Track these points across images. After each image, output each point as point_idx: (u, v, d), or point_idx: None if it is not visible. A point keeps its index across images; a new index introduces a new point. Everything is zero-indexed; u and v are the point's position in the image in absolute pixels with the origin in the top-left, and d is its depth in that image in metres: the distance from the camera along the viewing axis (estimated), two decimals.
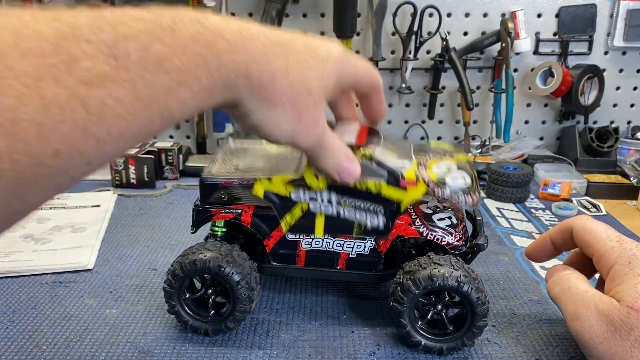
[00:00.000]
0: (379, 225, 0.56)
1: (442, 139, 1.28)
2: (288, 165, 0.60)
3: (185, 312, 0.56)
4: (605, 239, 0.51)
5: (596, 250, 0.51)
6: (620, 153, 1.13)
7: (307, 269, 0.60)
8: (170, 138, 1.28)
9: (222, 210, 0.59)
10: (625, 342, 0.44)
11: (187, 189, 1.04)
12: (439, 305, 0.54)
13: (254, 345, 0.55)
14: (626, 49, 1.19)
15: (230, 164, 0.62)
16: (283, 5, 1.10)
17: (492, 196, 1.00)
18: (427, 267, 0.52)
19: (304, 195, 0.56)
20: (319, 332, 0.58)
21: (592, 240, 0.52)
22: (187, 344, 0.55)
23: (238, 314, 0.55)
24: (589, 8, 1.16)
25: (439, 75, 1.18)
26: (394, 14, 1.13)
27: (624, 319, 0.44)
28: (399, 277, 0.54)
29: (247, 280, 0.55)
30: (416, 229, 0.57)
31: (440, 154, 0.62)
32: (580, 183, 1.03)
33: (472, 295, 0.51)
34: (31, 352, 0.54)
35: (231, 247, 0.56)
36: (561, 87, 1.14)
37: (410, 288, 0.52)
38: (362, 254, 0.59)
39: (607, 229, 0.52)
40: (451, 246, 0.57)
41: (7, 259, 0.72)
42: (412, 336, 0.54)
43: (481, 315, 0.52)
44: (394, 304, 0.54)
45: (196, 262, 0.54)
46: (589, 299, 0.48)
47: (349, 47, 1.13)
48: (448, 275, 0.51)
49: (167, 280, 0.56)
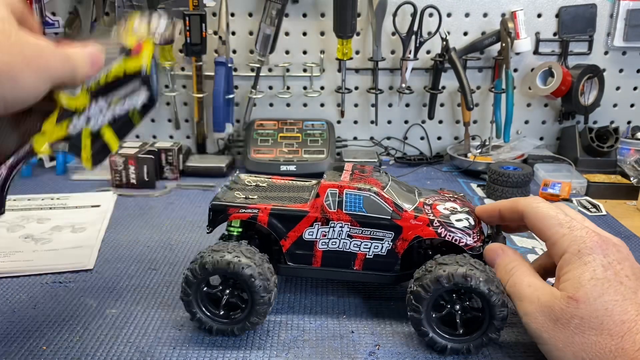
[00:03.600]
0: (144, 101, 0.54)
1: (442, 139, 1.28)
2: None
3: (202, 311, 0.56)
4: (556, 225, 0.51)
5: (548, 237, 0.52)
6: (620, 153, 1.13)
7: (324, 269, 0.60)
8: (170, 138, 1.28)
9: (238, 210, 0.59)
10: (566, 329, 0.46)
11: (187, 189, 1.04)
12: (459, 305, 0.53)
13: (254, 345, 0.55)
14: (626, 49, 1.19)
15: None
16: (283, 5, 1.10)
17: (492, 196, 1.00)
18: (464, 266, 0.52)
19: (80, 121, 0.54)
20: (319, 332, 0.58)
21: (543, 227, 0.53)
22: (187, 344, 0.55)
23: (254, 318, 0.55)
24: (589, 8, 1.16)
25: (439, 75, 1.18)
26: (394, 14, 1.13)
27: (564, 308, 0.47)
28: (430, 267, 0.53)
29: (269, 295, 0.54)
30: (434, 229, 0.57)
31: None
32: (580, 183, 1.03)
33: (494, 299, 0.51)
34: (31, 352, 0.54)
35: (263, 258, 0.55)
36: (561, 87, 1.14)
37: (441, 280, 0.51)
38: (379, 255, 0.59)
39: (558, 214, 0.52)
40: (469, 247, 0.57)
41: (7, 259, 0.72)
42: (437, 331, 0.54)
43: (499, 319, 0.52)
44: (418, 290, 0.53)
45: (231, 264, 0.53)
46: (531, 294, 0.50)
47: (349, 47, 1.13)
48: (481, 278, 0.51)
49: (193, 270, 0.54)
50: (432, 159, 1.23)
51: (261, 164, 1.12)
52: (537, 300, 0.49)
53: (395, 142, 1.28)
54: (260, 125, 1.20)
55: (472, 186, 1.07)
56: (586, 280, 0.46)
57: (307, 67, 1.21)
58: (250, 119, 1.23)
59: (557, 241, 0.51)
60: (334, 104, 1.25)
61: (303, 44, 1.20)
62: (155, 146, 1.09)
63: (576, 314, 0.46)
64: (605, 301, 0.45)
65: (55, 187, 1.04)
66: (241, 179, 0.68)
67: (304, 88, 1.24)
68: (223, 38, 1.13)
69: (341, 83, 1.20)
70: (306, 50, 1.21)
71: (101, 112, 0.55)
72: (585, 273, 0.47)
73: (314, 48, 1.21)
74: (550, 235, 0.52)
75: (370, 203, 0.57)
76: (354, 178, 0.60)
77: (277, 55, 1.19)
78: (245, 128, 1.22)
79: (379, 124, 1.25)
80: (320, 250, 0.59)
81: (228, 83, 1.15)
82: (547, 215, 0.53)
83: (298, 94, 1.24)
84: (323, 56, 1.21)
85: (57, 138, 0.54)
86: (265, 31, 1.12)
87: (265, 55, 1.15)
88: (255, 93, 1.20)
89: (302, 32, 1.19)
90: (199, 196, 1.00)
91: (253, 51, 1.16)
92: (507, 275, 0.53)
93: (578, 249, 0.49)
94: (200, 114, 1.21)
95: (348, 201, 0.57)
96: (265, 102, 1.25)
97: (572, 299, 0.46)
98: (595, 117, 1.23)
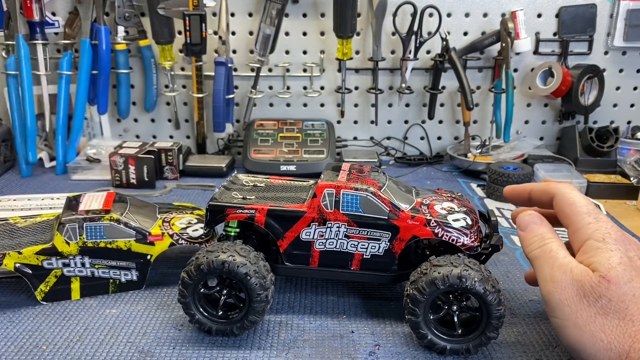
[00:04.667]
0: (132, 278, 0.63)
1: (442, 139, 1.28)
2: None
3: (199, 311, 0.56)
4: (584, 213, 0.52)
5: (573, 222, 0.52)
6: (620, 153, 1.13)
7: (321, 269, 0.60)
8: (170, 138, 1.28)
9: (236, 210, 0.59)
10: (591, 307, 0.46)
11: (187, 189, 1.04)
12: (456, 305, 0.54)
13: (254, 345, 0.55)
14: (626, 49, 1.19)
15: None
16: (283, 5, 1.10)
17: (492, 196, 1.00)
18: (458, 267, 0.52)
19: (57, 262, 0.62)
20: (319, 332, 0.58)
21: (571, 213, 0.53)
22: (187, 344, 0.55)
23: (252, 317, 0.55)
24: (589, 8, 1.16)
25: (439, 75, 1.18)
26: (394, 14, 1.13)
27: (595, 286, 0.46)
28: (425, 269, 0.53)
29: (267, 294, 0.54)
30: (431, 229, 0.57)
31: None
32: (580, 183, 1.03)
33: (490, 299, 0.51)
34: (31, 352, 0.54)
35: (258, 256, 0.56)
36: (561, 87, 1.14)
37: (437, 282, 0.51)
38: (377, 255, 0.58)
39: (588, 204, 0.53)
40: (466, 247, 0.57)
41: None
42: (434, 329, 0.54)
43: (496, 317, 0.52)
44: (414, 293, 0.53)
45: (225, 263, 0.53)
46: (566, 264, 0.49)
47: (349, 47, 1.13)
48: (476, 278, 0.51)
49: (188, 271, 0.54)
50: (432, 159, 1.23)
51: (261, 164, 1.12)
52: (570, 271, 0.48)
53: (395, 142, 1.28)
54: (260, 125, 1.20)
55: (472, 186, 1.07)
56: (616, 264, 0.47)
57: (307, 67, 1.21)
58: (250, 119, 1.23)
59: (583, 227, 0.51)
60: (334, 104, 1.25)
61: (303, 44, 1.20)
62: (155, 146, 1.09)
63: (605, 294, 0.46)
64: (634, 287, 0.46)
65: (55, 187, 1.04)
66: (239, 179, 0.68)
67: (304, 88, 1.24)
68: (223, 38, 1.13)
69: (341, 83, 1.20)
70: (306, 50, 1.21)
71: (83, 266, 0.63)
72: (613, 257, 0.47)
73: (314, 48, 1.20)
74: (576, 221, 0.52)
75: (367, 203, 0.57)
76: (352, 178, 0.60)
77: (277, 55, 1.19)
78: (245, 128, 1.22)
79: (379, 124, 1.25)
80: (317, 250, 0.59)
81: (228, 83, 1.15)
82: (577, 202, 0.53)
83: (298, 94, 1.24)
84: (323, 56, 1.21)
85: (28, 263, 0.61)
86: (265, 31, 1.12)
87: (265, 55, 1.15)
88: (255, 93, 1.20)
89: (302, 32, 1.19)
90: (199, 196, 1.00)
91: (253, 51, 1.16)
92: (541, 241, 0.53)
93: (603, 238, 0.49)
94: (200, 114, 1.21)
95: (345, 201, 0.57)
96: (265, 102, 1.25)
97: (604, 278, 0.46)
98: (595, 117, 1.23)
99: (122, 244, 0.63)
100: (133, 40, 1.16)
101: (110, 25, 1.13)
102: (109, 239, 0.63)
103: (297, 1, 1.17)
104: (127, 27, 1.14)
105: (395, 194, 0.60)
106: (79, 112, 1.11)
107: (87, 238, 0.62)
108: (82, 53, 1.09)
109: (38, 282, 0.62)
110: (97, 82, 1.13)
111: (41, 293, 0.62)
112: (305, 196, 0.61)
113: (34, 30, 1.09)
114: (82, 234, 0.62)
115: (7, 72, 1.07)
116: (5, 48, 1.12)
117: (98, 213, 0.63)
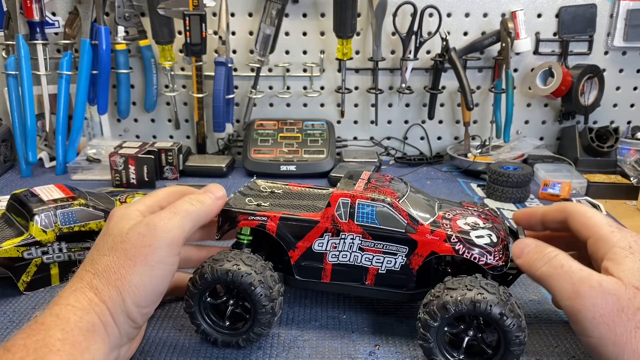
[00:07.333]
0: None
1: (442, 139, 1.28)
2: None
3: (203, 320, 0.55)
4: (605, 223, 0.51)
5: (595, 232, 0.51)
6: (620, 153, 1.13)
7: (333, 283, 0.57)
8: (170, 138, 1.28)
9: (247, 217, 0.56)
10: (630, 322, 0.43)
11: None
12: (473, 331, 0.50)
13: (254, 345, 0.55)
14: (626, 49, 1.19)
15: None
16: (283, 5, 1.10)
17: (492, 196, 1.00)
18: (472, 290, 0.48)
19: (36, 251, 0.63)
20: (319, 332, 0.58)
21: (590, 224, 0.52)
22: (187, 345, 0.55)
23: (258, 329, 0.53)
24: (589, 8, 1.16)
25: (439, 75, 1.18)
26: (394, 14, 1.13)
27: (632, 298, 0.44)
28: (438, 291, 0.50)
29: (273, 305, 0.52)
30: (451, 245, 0.52)
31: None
32: (580, 183, 1.03)
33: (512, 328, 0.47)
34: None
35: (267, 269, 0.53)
36: (561, 87, 1.14)
37: (448, 306, 0.48)
38: (393, 270, 0.55)
39: (606, 217, 0.53)
40: (489, 266, 0.52)
41: None
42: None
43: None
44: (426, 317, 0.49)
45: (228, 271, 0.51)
46: (588, 277, 0.46)
47: (349, 47, 1.13)
48: (492, 302, 0.47)
49: (193, 280, 0.53)
50: (432, 159, 1.23)
51: (261, 164, 1.12)
52: (598, 284, 0.45)
53: (395, 142, 1.28)
54: (260, 125, 1.20)
55: (472, 186, 1.07)
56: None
57: (307, 67, 1.22)
58: (250, 119, 1.23)
59: (605, 236, 0.50)
60: (334, 104, 1.25)
61: (303, 44, 1.20)
62: (155, 146, 1.09)
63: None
64: None
65: None
66: (257, 184, 0.65)
67: (304, 88, 1.24)
68: (223, 38, 1.13)
69: (341, 83, 1.20)
70: (306, 50, 1.21)
71: (60, 252, 0.65)
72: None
73: (314, 48, 1.21)
74: (597, 231, 0.51)
75: (384, 215, 0.54)
76: (369, 187, 0.56)
77: (277, 55, 1.19)
78: (245, 128, 1.22)
79: (379, 124, 1.25)
80: (330, 263, 0.56)
81: (228, 83, 1.15)
82: (597, 215, 0.53)
83: (298, 94, 1.24)
84: (323, 56, 1.21)
85: (10, 256, 0.62)
86: (265, 31, 1.12)
87: (265, 55, 1.15)
88: (255, 93, 1.20)
89: (302, 32, 1.19)
90: None
91: (253, 51, 1.17)
92: (545, 257, 0.50)
93: (629, 245, 0.48)
94: (200, 114, 1.21)
95: (360, 212, 0.54)
96: (265, 102, 1.25)
97: (638, 290, 0.44)
98: (595, 117, 1.23)
99: (94, 225, 0.68)
100: (133, 40, 1.16)
101: (110, 25, 1.13)
102: (81, 222, 0.67)
103: (297, 1, 1.17)
104: (127, 27, 1.14)
105: (415, 206, 0.56)
106: (79, 112, 1.11)
107: (62, 224, 0.66)
108: (82, 53, 1.09)
109: (20, 273, 0.64)
110: (97, 82, 1.13)
111: (23, 284, 0.65)
112: (322, 205, 0.58)
113: (34, 30, 1.09)
114: (56, 222, 0.65)
115: (7, 72, 1.07)
116: (5, 48, 1.12)
117: (66, 200, 0.67)
